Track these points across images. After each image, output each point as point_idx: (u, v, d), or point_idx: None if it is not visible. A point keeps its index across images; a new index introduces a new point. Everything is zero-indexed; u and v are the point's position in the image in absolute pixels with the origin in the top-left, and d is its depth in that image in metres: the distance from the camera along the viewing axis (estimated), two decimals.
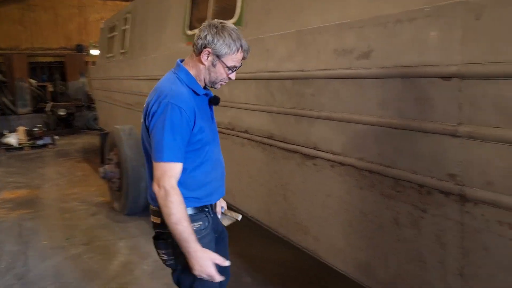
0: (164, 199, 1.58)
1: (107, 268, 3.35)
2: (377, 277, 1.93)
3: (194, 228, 1.68)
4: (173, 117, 1.60)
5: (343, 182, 2.03)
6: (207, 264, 1.61)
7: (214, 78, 1.73)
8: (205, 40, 1.64)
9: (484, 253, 1.44)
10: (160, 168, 1.60)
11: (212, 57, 1.67)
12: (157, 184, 1.60)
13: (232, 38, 1.65)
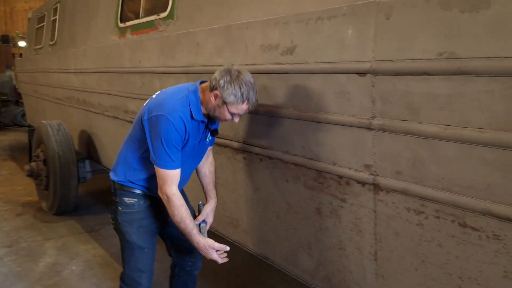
0: (167, 203, 1.86)
1: (32, 270, 3.19)
2: (302, 266, 2.00)
3: (128, 202, 2.01)
4: (169, 131, 1.78)
5: (271, 175, 2.08)
6: (209, 251, 1.89)
7: (218, 115, 1.86)
8: (218, 83, 1.77)
9: (395, 238, 1.54)
10: (161, 175, 1.85)
11: (219, 100, 1.79)
12: (160, 189, 1.86)
13: (241, 91, 1.75)
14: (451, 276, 1.39)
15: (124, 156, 2.02)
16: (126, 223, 2.02)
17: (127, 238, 2.03)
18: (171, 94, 1.87)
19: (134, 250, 2.04)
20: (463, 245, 1.33)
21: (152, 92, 2.97)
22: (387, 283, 1.61)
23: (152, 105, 1.87)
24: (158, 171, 1.85)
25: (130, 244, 2.04)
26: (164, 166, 1.83)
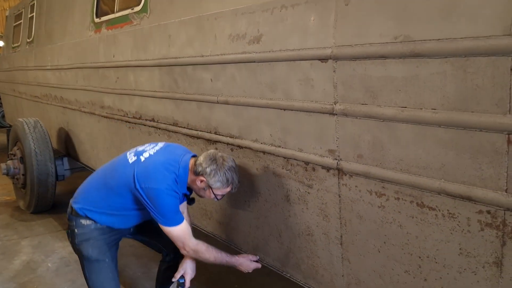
0: (196, 255, 1.99)
1: (6, 268, 3.15)
2: (273, 254, 2.02)
3: (84, 223, 2.01)
4: (169, 201, 1.90)
5: (241, 164, 2.09)
6: (248, 264, 2.05)
7: (202, 195, 2.03)
8: (204, 170, 1.90)
9: (358, 221, 1.57)
10: (177, 234, 1.94)
11: (205, 185, 1.94)
12: (184, 249, 1.96)
13: (226, 177, 1.90)
14: (412, 256, 1.41)
15: (98, 195, 2.03)
16: (84, 241, 2.02)
17: (85, 254, 2.02)
18: (162, 166, 1.93)
19: (93, 264, 2.03)
20: (422, 225, 1.36)
21: (127, 86, 2.98)
22: (353, 266, 1.64)
23: (142, 172, 1.91)
24: (171, 231, 1.93)
25: (89, 259, 2.03)
26: (175, 223, 1.92)
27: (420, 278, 1.40)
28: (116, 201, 1.99)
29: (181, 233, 1.93)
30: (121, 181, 1.96)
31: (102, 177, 2.08)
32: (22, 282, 2.93)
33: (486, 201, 1.18)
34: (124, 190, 1.95)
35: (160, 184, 1.87)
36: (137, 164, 1.95)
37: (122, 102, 3.14)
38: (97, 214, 2.01)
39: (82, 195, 2.07)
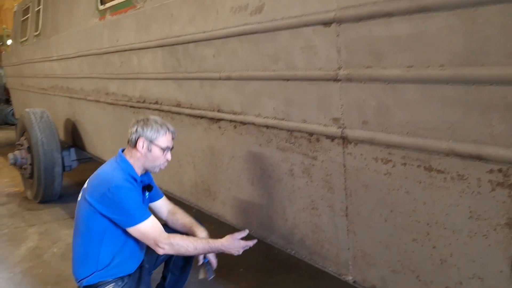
0: (173, 250, 1.84)
1: (13, 254, 3.14)
2: (277, 231, 1.98)
3: None
4: (127, 194, 1.82)
5: (244, 141, 2.05)
6: (236, 245, 1.88)
7: (153, 162, 1.94)
8: (137, 133, 1.91)
9: (364, 191, 1.52)
10: (145, 231, 1.82)
11: (147, 143, 1.90)
12: (158, 245, 1.82)
13: (158, 124, 1.92)
14: (420, 223, 1.36)
15: (85, 255, 1.89)
16: None
17: None
18: (105, 171, 1.92)
19: None
20: (430, 190, 1.31)
21: (131, 70, 2.96)
22: (358, 239, 1.59)
23: (92, 187, 1.87)
24: (139, 229, 1.81)
25: None
26: (141, 217, 1.82)
27: (428, 246, 1.35)
28: (100, 241, 1.86)
29: (150, 228, 1.83)
30: (83, 218, 1.88)
31: (74, 238, 1.96)
32: (27, 266, 2.92)
33: (498, 158, 1.12)
34: (92, 224, 1.85)
35: (112, 181, 1.82)
36: (83, 194, 1.91)
37: (126, 87, 3.11)
38: (104, 271, 1.87)
39: (77, 269, 1.92)
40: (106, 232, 1.85)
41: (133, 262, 1.98)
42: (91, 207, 1.82)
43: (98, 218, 1.82)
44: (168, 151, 1.97)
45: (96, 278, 1.86)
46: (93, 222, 1.84)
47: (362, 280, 1.62)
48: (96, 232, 1.85)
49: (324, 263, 1.77)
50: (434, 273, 1.35)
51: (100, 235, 1.85)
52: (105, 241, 1.86)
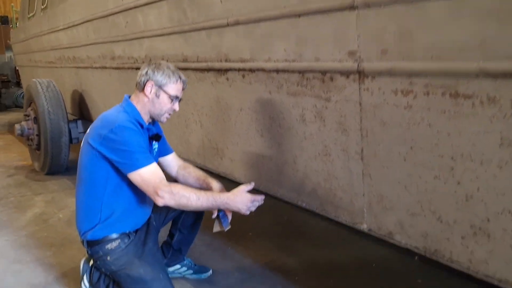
0: (174, 200, 1.66)
1: (18, 219, 3.10)
2: (287, 184, 1.88)
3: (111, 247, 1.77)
4: (130, 134, 1.70)
5: (253, 91, 1.95)
6: (244, 199, 1.73)
7: (159, 109, 1.83)
8: (146, 75, 1.80)
9: (381, 129, 1.40)
10: (146, 178, 1.67)
11: (155, 89, 1.79)
12: (157, 193, 1.65)
13: (171, 70, 1.81)
14: (443, 158, 1.25)
15: (88, 206, 1.81)
16: (125, 264, 1.75)
17: (136, 277, 1.72)
18: (109, 114, 1.82)
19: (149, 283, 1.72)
20: (455, 119, 1.19)
21: (136, 29, 2.86)
22: (374, 182, 1.48)
23: (95, 130, 1.76)
24: (139, 175, 1.67)
25: (144, 280, 1.71)
26: (142, 163, 1.68)
27: (452, 182, 1.24)
28: (103, 188, 1.76)
29: (151, 174, 1.68)
30: (86, 164, 1.78)
31: (77, 189, 1.88)
32: (33, 230, 2.87)
33: None
34: (94, 169, 1.75)
35: (115, 122, 1.71)
36: (85, 139, 1.80)
37: (132, 48, 3.02)
38: (108, 223, 1.78)
39: (81, 221, 1.85)
40: (109, 179, 1.76)
41: (139, 218, 1.90)
42: (93, 150, 1.72)
43: (101, 162, 1.72)
44: (177, 101, 1.86)
45: (100, 232, 1.78)
46: (95, 167, 1.75)
47: (378, 227, 1.52)
48: (99, 179, 1.76)
49: (336, 213, 1.67)
50: (458, 212, 1.25)
51: (103, 183, 1.76)
52: (108, 190, 1.77)
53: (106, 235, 1.78)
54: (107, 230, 1.78)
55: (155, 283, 1.72)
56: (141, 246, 1.82)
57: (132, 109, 1.82)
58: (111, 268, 1.76)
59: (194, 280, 2.16)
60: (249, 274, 2.20)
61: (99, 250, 1.78)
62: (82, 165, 1.80)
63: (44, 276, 2.23)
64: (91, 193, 1.78)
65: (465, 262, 1.26)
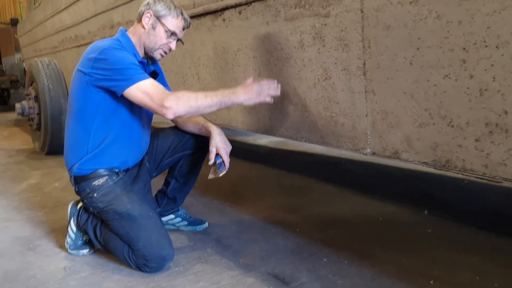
0: (182, 105, 1.51)
1: (14, 188, 3.01)
2: (286, 121, 1.76)
3: (98, 183, 1.67)
4: (122, 54, 1.60)
5: (250, 26, 1.84)
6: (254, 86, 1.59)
7: (154, 42, 1.72)
8: (147, 5, 1.71)
9: (385, 34, 1.28)
10: (145, 88, 1.53)
11: (153, 19, 1.71)
12: (162, 105, 1.50)
13: (173, 4, 1.72)
14: (453, 51, 1.12)
15: (76, 137, 1.70)
16: (112, 200, 1.63)
17: (124, 212, 1.60)
18: (98, 41, 1.69)
19: (138, 220, 1.60)
20: (467, 2, 1.07)
21: None
22: (378, 98, 1.35)
23: (84, 57, 1.64)
24: (138, 89, 1.53)
25: (131, 217, 1.60)
26: (138, 78, 1.54)
27: (464, 77, 1.11)
28: (92, 118, 1.66)
29: (151, 87, 1.53)
30: (76, 93, 1.67)
31: (66, 123, 1.76)
32: (27, 196, 2.78)
33: None
34: (84, 97, 1.64)
35: (103, 46, 1.60)
36: (76, 68, 1.68)
37: (130, 11, 2.94)
38: (95, 155, 1.67)
39: (68, 155, 1.74)
40: (100, 108, 1.65)
41: (129, 155, 1.78)
42: (84, 76, 1.61)
43: (92, 89, 1.61)
44: (174, 39, 1.76)
45: (87, 164, 1.67)
46: (86, 95, 1.63)
47: (382, 148, 1.39)
48: (89, 109, 1.65)
49: (338, 141, 1.54)
50: (471, 112, 1.12)
51: (93, 112, 1.65)
52: (98, 120, 1.66)
53: (93, 170, 1.67)
54: (94, 163, 1.67)
55: (143, 220, 1.60)
56: (130, 183, 1.71)
57: (127, 40, 1.73)
58: (98, 205, 1.65)
59: (189, 231, 2.03)
60: (246, 226, 2.07)
61: (86, 187, 1.67)
62: (72, 96, 1.70)
63: (32, 231, 2.12)
64: (80, 123, 1.67)
65: (480, 168, 1.13)
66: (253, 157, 3.71)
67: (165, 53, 1.79)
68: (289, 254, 1.74)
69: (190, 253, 1.79)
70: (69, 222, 1.82)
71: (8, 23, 12.94)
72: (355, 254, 1.72)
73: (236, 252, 1.78)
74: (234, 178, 2.99)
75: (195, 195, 2.58)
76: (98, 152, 1.66)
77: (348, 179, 2.94)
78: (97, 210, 1.67)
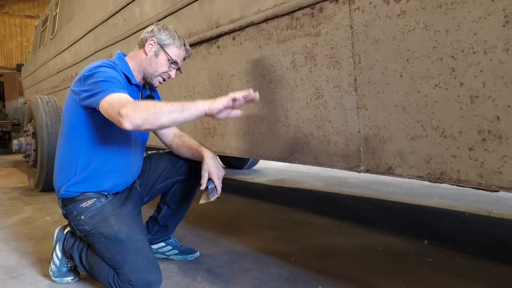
0: (138, 112, 1.33)
1: (4, 221, 2.93)
2: (280, 143, 1.74)
3: (86, 206, 1.61)
4: (109, 70, 1.57)
5: (244, 51, 1.86)
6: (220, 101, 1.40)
7: (155, 69, 1.73)
8: (151, 33, 1.72)
9: (375, 48, 1.29)
10: (109, 100, 1.42)
11: (156, 47, 1.72)
12: (119, 114, 1.34)
13: (177, 34, 1.74)
14: (442, 60, 1.12)
15: (65, 159, 1.66)
16: (99, 222, 1.57)
17: (108, 233, 1.54)
18: (95, 62, 1.65)
19: (124, 243, 1.53)
20: (453, 10, 1.08)
21: (133, 24, 2.86)
22: (370, 113, 1.34)
23: (78, 75, 1.62)
24: (106, 101, 1.42)
25: (118, 239, 1.53)
26: (111, 90, 1.45)
27: (454, 85, 1.10)
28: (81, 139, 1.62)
29: (118, 98, 1.42)
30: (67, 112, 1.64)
31: (58, 146, 1.72)
32: (16, 228, 2.70)
33: None
34: (74, 117, 1.60)
35: (95, 64, 1.59)
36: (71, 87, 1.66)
37: (128, 46, 3.00)
38: (83, 177, 1.62)
39: (57, 177, 1.69)
40: (89, 129, 1.61)
41: (119, 178, 1.72)
42: (75, 95, 1.58)
43: (80, 109, 1.58)
44: (175, 68, 1.78)
45: (75, 186, 1.62)
46: (75, 115, 1.60)
47: (376, 165, 1.35)
48: (79, 128, 1.61)
49: (331, 161, 1.51)
50: (463, 119, 1.10)
51: (82, 132, 1.61)
52: (87, 141, 1.62)
53: (82, 192, 1.62)
54: (82, 186, 1.62)
55: (130, 243, 1.53)
56: (119, 206, 1.65)
57: (123, 63, 1.72)
58: (84, 228, 1.59)
59: (179, 261, 1.95)
60: (239, 256, 1.99)
61: (73, 209, 1.62)
62: (63, 115, 1.68)
63: (17, 260, 2.04)
64: (69, 143, 1.64)
65: (475, 178, 1.09)
66: (250, 194, 3.65)
67: (164, 80, 1.79)
68: (283, 282, 1.66)
69: (179, 281, 1.71)
70: (54, 248, 1.75)
71: (14, 68, 13.27)
72: (353, 283, 1.64)
73: (227, 281, 1.70)
74: (230, 212, 2.92)
75: (188, 227, 2.52)
76: (87, 174, 1.62)
77: (346, 213, 2.87)
78: (83, 233, 1.61)
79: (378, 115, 1.32)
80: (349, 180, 4.41)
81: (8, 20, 13.37)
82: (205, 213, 2.81)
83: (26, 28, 13.63)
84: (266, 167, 6.00)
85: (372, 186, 3.99)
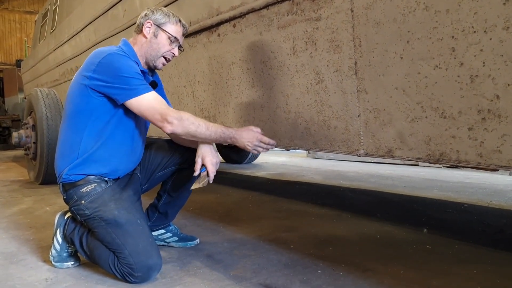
0: (182, 126, 1.56)
1: (3, 212, 2.94)
2: (280, 130, 1.74)
3: (86, 191, 1.62)
4: (127, 61, 1.59)
5: (244, 38, 1.86)
6: (251, 135, 1.62)
7: (157, 50, 1.73)
8: (145, 17, 1.74)
9: (375, 30, 1.29)
10: (149, 102, 1.56)
11: (154, 28, 1.72)
12: (166, 119, 1.54)
13: (171, 12, 1.75)
14: (443, 40, 1.12)
15: (67, 142, 1.65)
16: (99, 206, 1.58)
17: (108, 217, 1.55)
18: (103, 48, 1.65)
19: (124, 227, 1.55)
20: None
21: (133, 15, 2.85)
22: (370, 96, 1.34)
23: (87, 62, 1.62)
24: (143, 100, 1.54)
25: (118, 223, 1.55)
26: (142, 90, 1.55)
27: (454, 65, 1.10)
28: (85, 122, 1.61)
29: (155, 101, 1.55)
30: (72, 97, 1.63)
31: (60, 130, 1.71)
32: (16, 218, 2.71)
33: None
34: (81, 100, 1.60)
35: (106, 51, 1.58)
36: (76, 73, 1.66)
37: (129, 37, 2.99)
38: (86, 164, 1.62)
39: (58, 161, 1.68)
40: (94, 113, 1.61)
41: (120, 164, 1.71)
42: (85, 80, 1.57)
43: (90, 93, 1.57)
44: (177, 45, 1.77)
45: (76, 170, 1.62)
46: (83, 98, 1.59)
47: (376, 148, 1.36)
48: (83, 112, 1.60)
49: (331, 145, 1.52)
50: (463, 100, 1.10)
51: (87, 116, 1.60)
52: (91, 125, 1.61)
53: (82, 177, 1.63)
54: (83, 169, 1.62)
55: (130, 227, 1.54)
56: (119, 191, 1.66)
57: (129, 49, 1.71)
58: (85, 212, 1.60)
59: (179, 247, 1.96)
60: (239, 243, 1.99)
61: (74, 194, 1.62)
62: (69, 98, 1.66)
63: (17, 247, 2.04)
64: (73, 127, 1.63)
65: (475, 158, 1.10)
66: (250, 186, 3.65)
67: (167, 61, 1.79)
68: (282, 267, 1.67)
69: (178, 266, 1.72)
70: (55, 233, 1.76)
71: (14, 64, 13.25)
72: (352, 268, 1.65)
73: (227, 266, 1.70)
74: (230, 203, 2.93)
75: (188, 217, 2.52)
76: (88, 156, 1.62)
77: (346, 204, 2.88)
78: (84, 218, 1.61)
79: (378, 98, 1.32)
80: (348, 174, 4.42)
81: (7, 16, 13.35)
82: (205, 204, 2.82)
83: (25, 24, 13.60)
84: (266, 161, 6.01)
85: (371, 179, 4.00)
